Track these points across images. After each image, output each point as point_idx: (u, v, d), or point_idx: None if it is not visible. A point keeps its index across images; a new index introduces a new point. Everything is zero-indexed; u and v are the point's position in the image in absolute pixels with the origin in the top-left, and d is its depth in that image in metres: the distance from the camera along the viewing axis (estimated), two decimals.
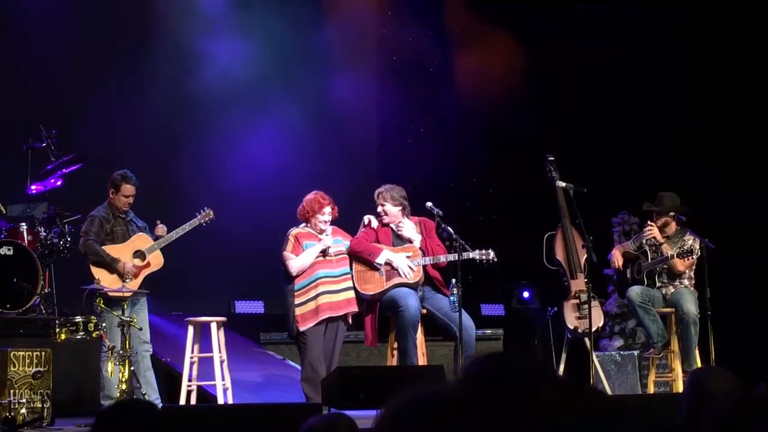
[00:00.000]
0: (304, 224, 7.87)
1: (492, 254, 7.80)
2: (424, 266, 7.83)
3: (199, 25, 11.49)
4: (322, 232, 7.77)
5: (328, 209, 7.79)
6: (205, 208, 8.20)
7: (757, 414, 2.22)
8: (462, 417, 1.24)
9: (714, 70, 11.28)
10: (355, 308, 7.78)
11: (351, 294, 7.76)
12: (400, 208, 7.93)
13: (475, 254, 7.74)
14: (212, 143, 11.33)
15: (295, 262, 7.69)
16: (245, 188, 10.98)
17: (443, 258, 7.79)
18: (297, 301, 7.66)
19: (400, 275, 7.76)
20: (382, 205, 7.93)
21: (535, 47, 11.64)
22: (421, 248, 7.87)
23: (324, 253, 7.72)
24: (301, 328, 7.60)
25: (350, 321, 7.89)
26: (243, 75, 11.42)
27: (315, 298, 7.63)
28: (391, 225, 7.94)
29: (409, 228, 7.94)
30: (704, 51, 11.31)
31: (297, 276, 7.69)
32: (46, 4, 10.68)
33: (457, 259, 7.61)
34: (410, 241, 7.89)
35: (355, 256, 7.87)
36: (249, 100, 11.39)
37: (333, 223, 7.89)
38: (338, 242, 7.86)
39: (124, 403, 5.22)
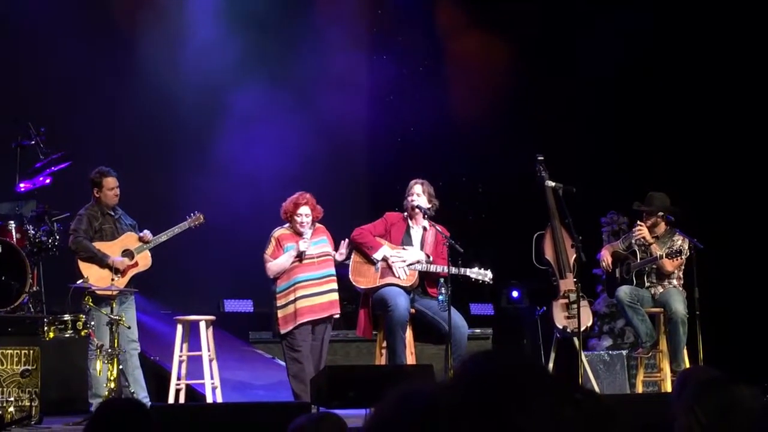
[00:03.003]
0: (287, 224, 7.85)
1: (489, 275, 7.77)
2: (420, 272, 7.81)
3: (190, 25, 11.48)
4: (301, 233, 7.74)
5: (305, 209, 7.74)
6: (196, 212, 8.21)
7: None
8: (451, 423, 1.24)
9: (707, 70, 11.28)
10: (337, 310, 7.75)
11: (334, 296, 7.74)
12: (429, 206, 7.88)
13: (472, 273, 7.73)
14: (202, 143, 11.31)
15: (272, 266, 7.71)
16: (234, 187, 10.97)
17: (440, 269, 7.75)
18: (279, 303, 7.69)
19: (393, 275, 7.75)
20: (418, 195, 7.87)
21: (526, 47, 11.65)
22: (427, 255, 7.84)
23: (300, 258, 7.70)
24: (282, 331, 7.61)
25: (333, 322, 7.87)
26: (233, 77, 11.42)
27: (294, 301, 7.62)
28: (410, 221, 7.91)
29: (416, 240, 7.91)
30: (698, 51, 11.32)
31: (277, 278, 7.70)
32: (36, 2, 10.64)
33: (457, 272, 7.59)
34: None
35: (355, 246, 7.86)
36: (239, 102, 11.36)
37: (321, 222, 7.87)
38: (323, 242, 7.84)
39: (115, 402, 5.22)
